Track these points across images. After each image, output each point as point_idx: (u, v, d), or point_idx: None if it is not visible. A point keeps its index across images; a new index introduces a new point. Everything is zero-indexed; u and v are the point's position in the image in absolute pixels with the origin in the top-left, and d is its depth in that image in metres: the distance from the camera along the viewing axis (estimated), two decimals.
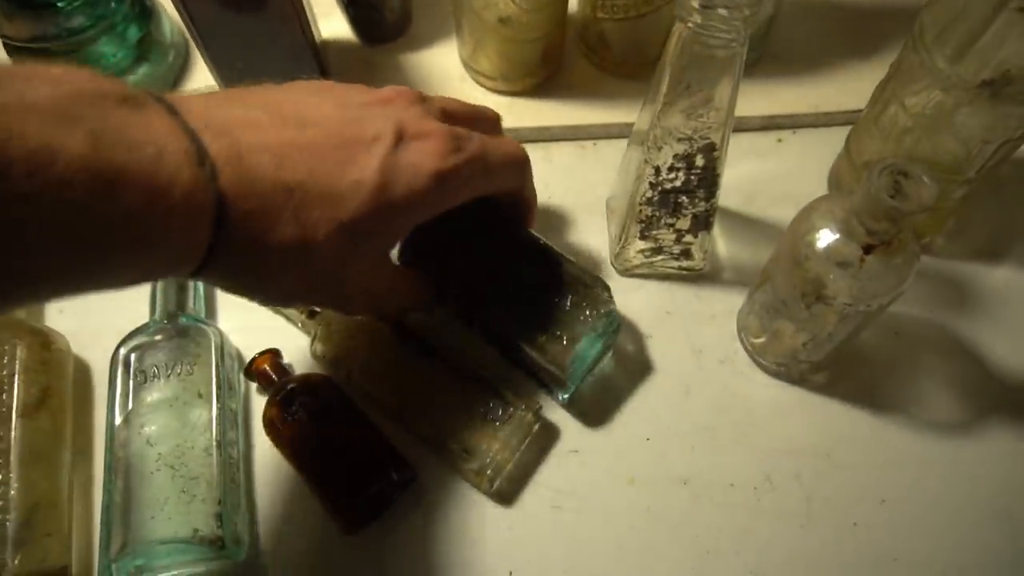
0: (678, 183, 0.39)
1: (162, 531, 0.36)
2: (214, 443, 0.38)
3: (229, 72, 0.47)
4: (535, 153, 0.50)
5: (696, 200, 0.40)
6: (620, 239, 0.45)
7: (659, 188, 0.39)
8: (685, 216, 0.41)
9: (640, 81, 0.50)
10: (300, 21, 0.45)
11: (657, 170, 0.38)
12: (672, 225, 0.42)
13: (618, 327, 0.40)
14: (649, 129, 0.37)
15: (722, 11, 0.30)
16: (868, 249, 0.33)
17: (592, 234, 0.48)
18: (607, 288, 0.39)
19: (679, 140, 0.36)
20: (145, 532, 0.37)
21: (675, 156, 0.37)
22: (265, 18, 0.44)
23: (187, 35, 0.52)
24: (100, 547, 0.36)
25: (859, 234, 0.32)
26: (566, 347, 0.37)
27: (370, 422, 0.40)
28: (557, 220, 0.48)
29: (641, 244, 0.43)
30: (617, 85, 0.51)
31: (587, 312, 0.38)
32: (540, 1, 0.44)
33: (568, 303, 0.38)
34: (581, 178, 0.50)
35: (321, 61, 0.48)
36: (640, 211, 0.41)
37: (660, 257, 0.44)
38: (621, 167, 0.44)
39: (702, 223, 0.41)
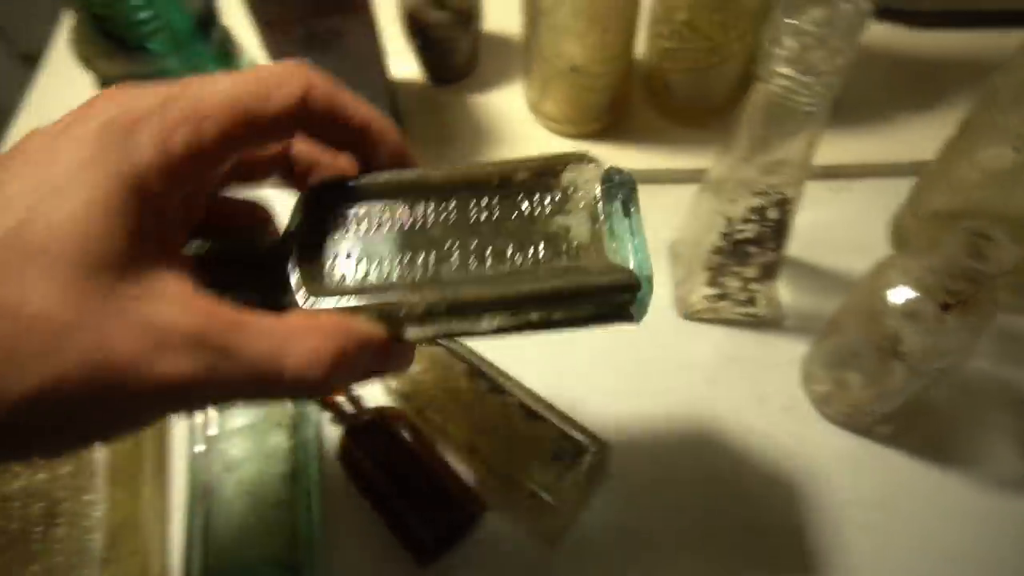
0: (749, 234, 0.39)
1: (243, 556, 0.38)
2: (291, 472, 0.40)
3: None
4: None
5: (765, 250, 0.41)
6: (686, 284, 0.46)
7: (730, 238, 0.40)
8: (753, 265, 0.42)
9: (703, 128, 0.52)
10: (380, 63, 0.47)
11: (729, 221, 0.39)
12: (739, 273, 0.42)
13: (628, 183, 0.26)
14: (724, 181, 0.38)
15: (806, 78, 0.31)
16: (946, 307, 0.33)
17: (655, 277, 0.48)
18: (582, 156, 0.26)
19: (755, 194, 0.37)
20: (226, 556, 0.38)
21: (749, 209, 0.38)
22: (347, 59, 0.46)
23: None
24: (183, 570, 0.37)
25: (938, 293, 0.33)
26: (595, 251, 0.24)
27: (441, 456, 0.41)
28: None
29: (707, 290, 0.44)
30: (680, 132, 0.52)
31: (579, 202, 0.25)
32: (611, 53, 0.46)
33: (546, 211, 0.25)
34: (645, 222, 0.51)
35: (395, 102, 0.50)
36: (709, 259, 0.42)
37: (725, 303, 0.45)
38: (690, 212, 0.45)
39: (769, 272, 0.42)
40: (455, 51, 0.52)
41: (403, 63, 0.56)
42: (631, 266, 0.24)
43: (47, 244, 0.19)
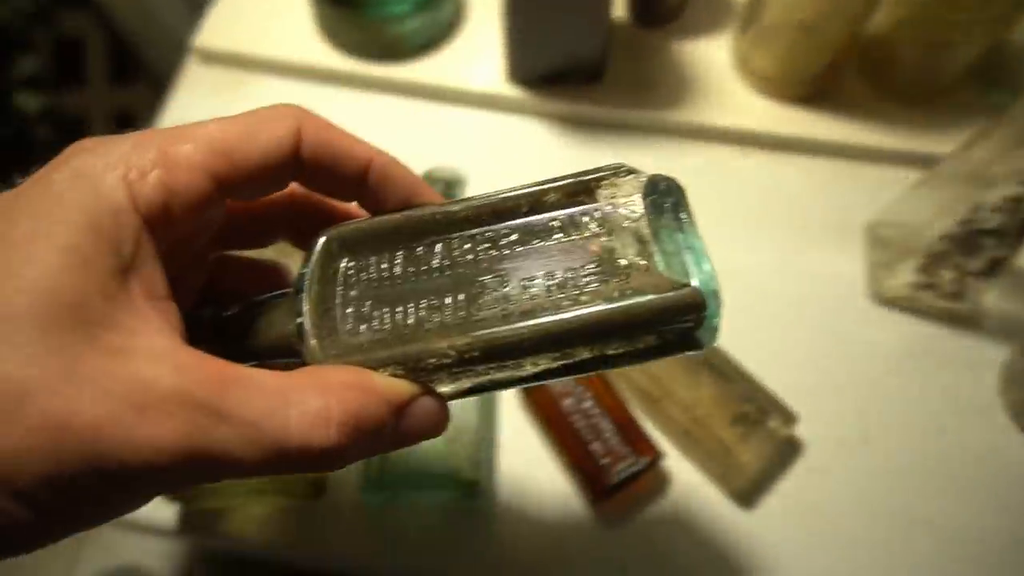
0: (994, 224, 0.37)
1: (422, 463, 0.38)
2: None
3: (520, 39, 0.48)
4: (792, 165, 0.50)
5: (1002, 244, 0.38)
6: (886, 268, 0.44)
7: (969, 226, 0.38)
8: (980, 258, 0.40)
9: (920, 108, 0.49)
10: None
11: (976, 208, 0.37)
12: (960, 265, 0.40)
13: (676, 191, 0.23)
14: (982, 166, 0.36)
15: None
16: None
17: (843, 256, 0.47)
18: (618, 168, 0.23)
19: (1020, 183, 0.35)
20: (405, 461, 0.38)
21: (1005, 197, 0.36)
22: None
23: None
24: (363, 469, 0.38)
25: None
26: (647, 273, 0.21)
27: (621, 399, 0.41)
28: (808, 234, 0.47)
29: (913, 277, 0.42)
30: (894, 109, 0.49)
31: (621, 220, 0.22)
32: (849, 13, 0.43)
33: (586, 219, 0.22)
34: (838, 197, 0.49)
35: (609, 41, 0.48)
36: (932, 244, 0.40)
37: (927, 293, 0.43)
38: (909, 196, 0.43)
39: (994, 268, 0.40)
40: None
41: None
42: (691, 283, 0.20)
43: (6, 304, 0.17)
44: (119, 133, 0.22)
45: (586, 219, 0.22)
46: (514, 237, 0.22)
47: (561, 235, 0.22)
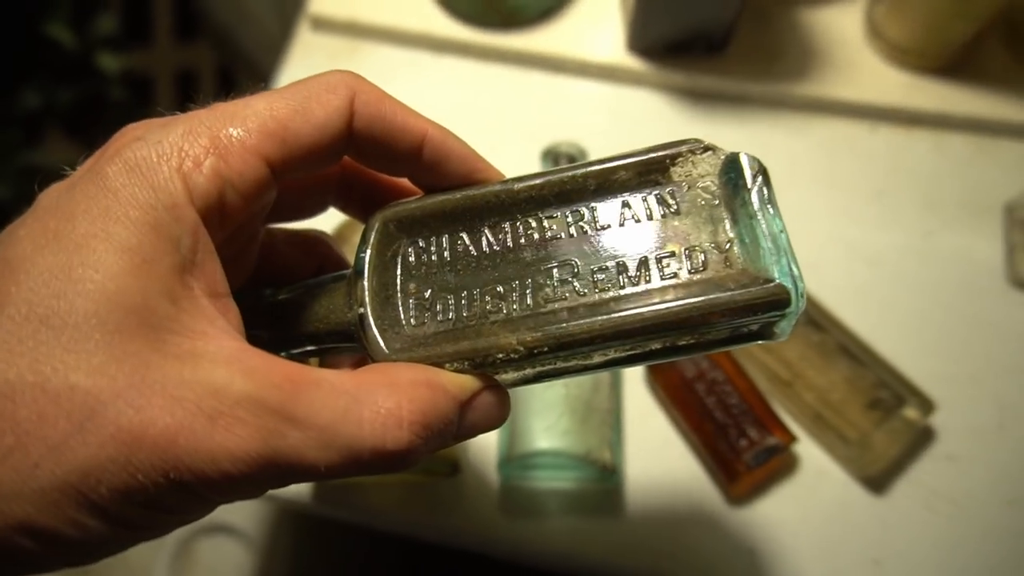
0: None
1: (557, 443, 0.38)
2: (608, 376, 0.40)
3: (648, 6, 0.46)
4: (925, 140, 0.48)
5: None
6: None
7: None
8: None
9: None
10: None
11: None
12: None
13: (759, 171, 0.21)
14: None
15: None
16: None
17: (980, 236, 0.45)
18: (695, 144, 0.21)
19: None
20: (539, 441, 0.39)
21: None
22: None
23: None
24: (500, 446, 0.39)
25: None
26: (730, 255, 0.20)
27: (753, 383, 0.40)
28: (941, 214, 0.46)
29: None
30: None
31: (697, 200, 0.21)
32: None
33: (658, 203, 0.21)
34: (976, 175, 0.47)
35: (742, 5, 0.46)
36: None
37: None
38: None
39: None
40: None
41: None
42: (775, 277, 0.19)
43: (70, 310, 0.16)
44: (186, 92, 0.21)
45: (658, 201, 0.21)
46: (582, 220, 0.21)
47: (631, 219, 0.21)
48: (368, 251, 0.22)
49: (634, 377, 0.42)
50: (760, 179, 0.21)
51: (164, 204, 0.18)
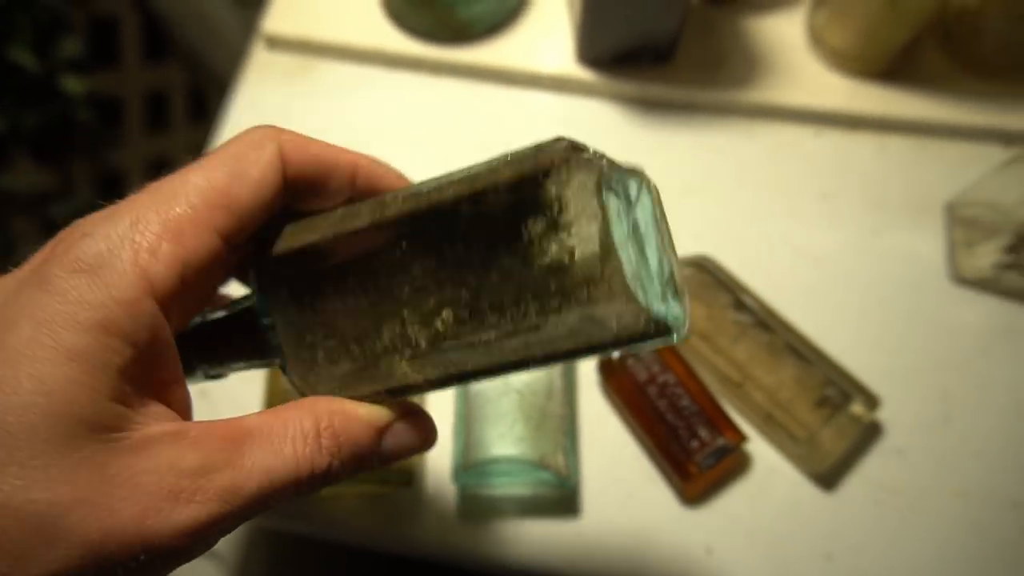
0: None
1: (511, 449, 0.39)
2: (562, 382, 0.40)
3: (595, 17, 0.47)
4: (868, 143, 0.49)
5: None
6: (970, 247, 0.43)
7: None
8: None
9: (1005, 83, 0.48)
10: None
11: None
12: None
13: (640, 184, 0.20)
14: None
15: None
16: None
17: (922, 235, 0.46)
18: (566, 150, 0.19)
19: None
20: (493, 448, 0.39)
21: None
22: None
23: None
24: (454, 455, 0.39)
25: None
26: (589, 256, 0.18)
27: (703, 384, 0.41)
28: (885, 214, 0.47)
29: (998, 257, 0.42)
30: (975, 84, 0.48)
31: (579, 215, 0.18)
32: None
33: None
34: (917, 176, 0.48)
35: (684, 17, 0.47)
36: (1023, 225, 0.39)
37: (1013, 273, 0.43)
38: (997, 174, 0.42)
39: None
40: None
41: None
42: (654, 308, 0.18)
43: (20, 426, 0.17)
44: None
45: (535, 217, 0.18)
46: (461, 242, 0.19)
47: (513, 238, 0.19)
48: (265, 300, 0.22)
49: (588, 382, 0.43)
50: (641, 192, 0.20)
51: (117, 301, 0.18)
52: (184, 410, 0.21)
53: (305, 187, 0.22)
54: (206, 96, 1.22)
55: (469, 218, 0.20)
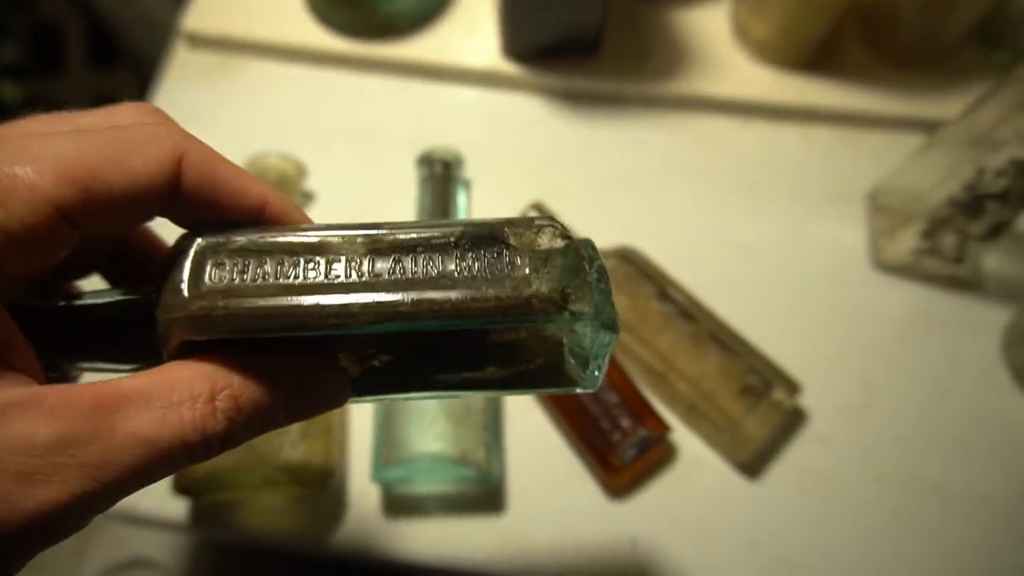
0: (996, 189, 0.37)
1: (431, 447, 0.38)
2: None
3: (516, 12, 0.47)
4: (792, 134, 0.49)
5: (1004, 208, 0.38)
6: (889, 234, 0.44)
7: (974, 190, 0.38)
8: (982, 222, 0.40)
9: (921, 73, 0.49)
10: None
11: (981, 172, 0.37)
12: (962, 229, 0.40)
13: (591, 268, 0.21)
14: (987, 129, 0.36)
15: None
16: None
17: (845, 224, 0.47)
18: (540, 221, 0.20)
19: None
20: (413, 446, 0.38)
21: (1012, 161, 0.36)
22: None
23: None
24: (374, 454, 0.38)
25: None
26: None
27: (627, 374, 0.41)
28: (809, 204, 0.47)
29: (916, 243, 0.42)
30: (893, 73, 0.49)
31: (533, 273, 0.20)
32: None
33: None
34: (839, 165, 0.49)
35: (605, 10, 0.47)
36: (936, 210, 0.40)
37: (931, 259, 0.43)
38: (912, 162, 0.43)
39: (995, 232, 0.40)
40: None
41: None
42: (584, 385, 0.22)
43: None
44: None
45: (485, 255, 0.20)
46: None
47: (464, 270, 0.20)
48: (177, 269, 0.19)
49: None
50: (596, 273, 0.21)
51: None
52: (39, 374, 0.18)
53: (199, 206, 0.19)
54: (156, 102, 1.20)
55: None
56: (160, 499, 0.38)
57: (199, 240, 0.19)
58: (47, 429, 0.16)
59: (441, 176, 0.44)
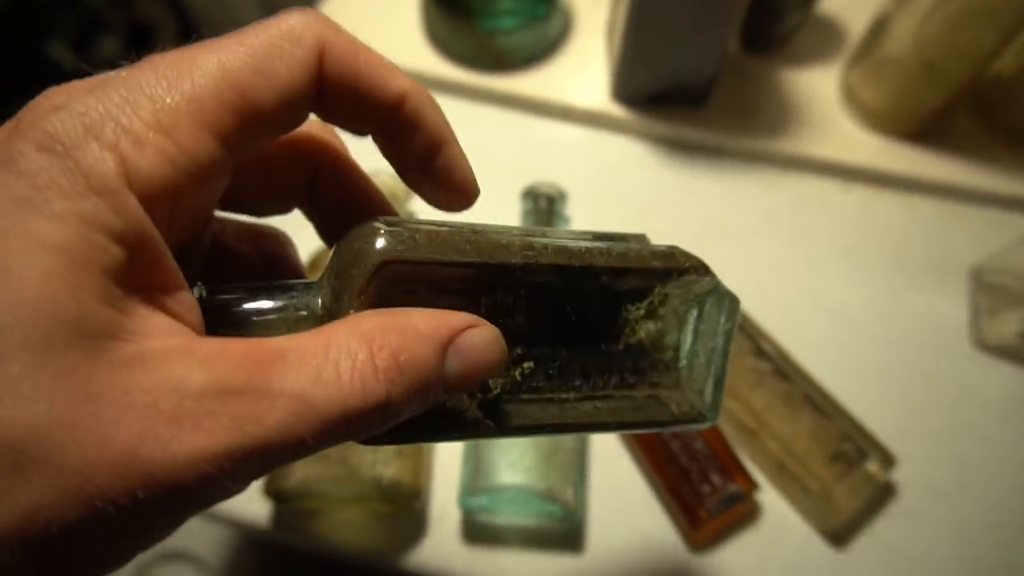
0: None
1: (519, 478, 0.38)
2: None
3: (634, 57, 0.47)
4: (895, 202, 0.49)
5: None
6: (995, 315, 0.43)
7: None
8: None
9: None
10: (733, 19, 0.45)
11: None
12: None
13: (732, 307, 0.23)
14: None
15: None
16: None
17: (945, 298, 0.46)
18: (683, 262, 0.22)
19: None
20: (502, 476, 0.38)
21: None
22: (706, 10, 0.44)
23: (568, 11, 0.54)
24: (462, 479, 0.38)
25: None
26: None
27: (721, 432, 0.41)
28: (908, 274, 0.47)
29: (1022, 326, 0.42)
30: (1003, 151, 0.49)
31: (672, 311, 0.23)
32: (977, 55, 0.43)
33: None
34: (941, 239, 0.48)
35: (721, 62, 0.48)
36: None
37: None
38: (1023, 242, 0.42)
39: None
40: (783, 19, 0.50)
41: None
42: (706, 400, 0.22)
43: None
44: None
45: (637, 306, 0.22)
46: (569, 306, 0.21)
47: (611, 316, 0.22)
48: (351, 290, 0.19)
49: None
50: (730, 322, 0.23)
51: (96, 190, 0.15)
52: (195, 323, 0.17)
53: (340, 102, 0.18)
54: None
55: (598, 287, 0.21)
56: (243, 499, 0.39)
57: (378, 221, 0.19)
58: (199, 375, 0.15)
59: (545, 211, 0.45)
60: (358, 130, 0.20)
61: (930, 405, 0.43)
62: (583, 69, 0.52)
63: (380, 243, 0.18)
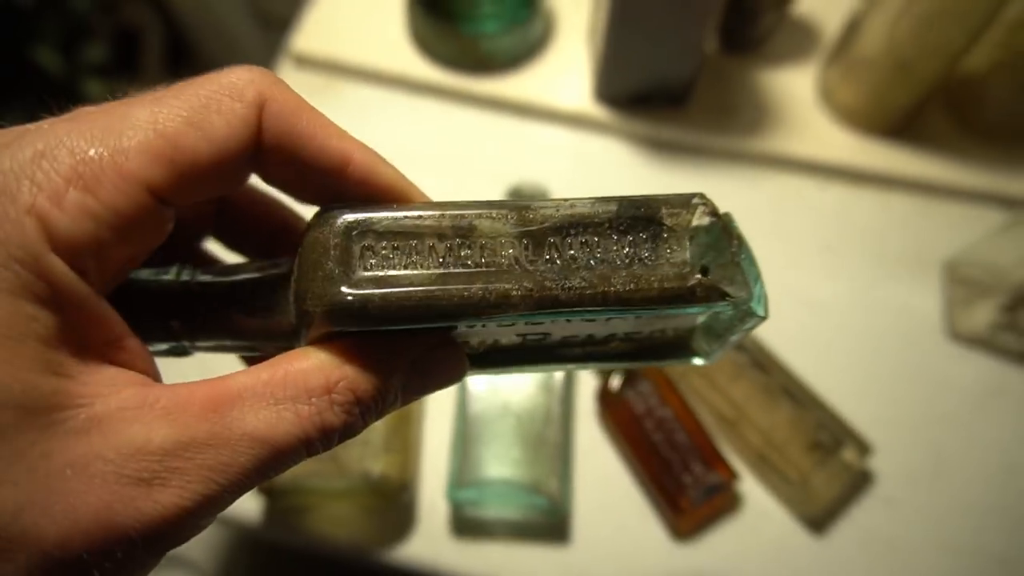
0: None
1: (506, 472, 0.39)
2: (560, 409, 0.41)
3: (614, 59, 0.48)
4: (871, 198, 0.50)
5: None
6: (967, 306, 0.44)
7: None
8: None
9: (1005, 149, 0.50)
10: (709, 20, 0.46)
11: None
12: None
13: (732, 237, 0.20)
14: None
15: None
16: None
17: (919, 291, 0.47)
18: (696, 200, 0.20)
19: None
20: (489, 469, 0.39)
21: None
22: (683, 11, 0.45)
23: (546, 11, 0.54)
24: (450, 473, 0.39)
25: None
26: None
27: (698, 420, 0.42)
28: (884, 268, 0.48)
29: (994, 317, 0.43)
30: (978, 148, 0.50)
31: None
32: (949, 53, 0.44)
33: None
34: (916, 233, 0.49)
35: (700, 62, 0.49)
36: (1020, 287, 0.40)
37: (1008, 334, 0.43)
38: (997, 236, 0.43)
39: None
40: (759, 19, 0.51)
41: None
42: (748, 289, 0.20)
43: None
44: None
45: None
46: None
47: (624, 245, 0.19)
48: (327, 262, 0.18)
49: (585, 411, 0.43)
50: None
51: (17, 258, 0.14)
52: (146, 367, 0.17)
53: (280, 162, 0.18)
54: None
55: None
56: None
57: (342, 218, 0.18)
58: (162, 433, 0.15)
59: None
60: (302, 195, 0.19)
61: (906, 394, 0.44)
62: (565, 71, 0.53)
63: (330, 316, 0.17)
